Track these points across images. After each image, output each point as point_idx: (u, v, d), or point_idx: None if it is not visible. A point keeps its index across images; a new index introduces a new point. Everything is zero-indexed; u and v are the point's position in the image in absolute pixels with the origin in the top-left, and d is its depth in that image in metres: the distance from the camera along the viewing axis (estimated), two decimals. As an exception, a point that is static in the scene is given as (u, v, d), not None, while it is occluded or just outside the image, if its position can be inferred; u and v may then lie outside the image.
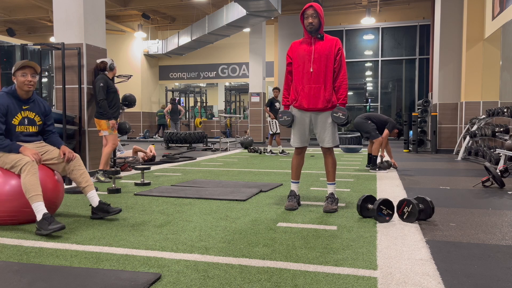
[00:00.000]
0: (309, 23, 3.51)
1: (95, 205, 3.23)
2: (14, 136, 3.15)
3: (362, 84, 16.24)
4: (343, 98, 3.55)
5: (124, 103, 6.11)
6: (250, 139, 11.57)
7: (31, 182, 2.88)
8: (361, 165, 7.18)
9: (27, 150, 3.04)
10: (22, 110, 3.20)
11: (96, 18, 5.76)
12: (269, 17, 12.81)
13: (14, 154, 3.02)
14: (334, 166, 3.67)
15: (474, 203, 3.98)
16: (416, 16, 16.24)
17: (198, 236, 2.77)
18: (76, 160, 3.28)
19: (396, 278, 2.05)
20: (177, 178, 5.62)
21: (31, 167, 2.93)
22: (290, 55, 3.68)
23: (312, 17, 3.50)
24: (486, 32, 8.97)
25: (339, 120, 3.52)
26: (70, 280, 2.01)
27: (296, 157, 3.75)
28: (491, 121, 8.42)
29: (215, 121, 19.09)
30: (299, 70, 3.60)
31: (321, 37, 3.58)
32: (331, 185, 3.67)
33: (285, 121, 3.68)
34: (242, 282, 2.00)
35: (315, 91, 3.53)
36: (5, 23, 17.69)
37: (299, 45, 3.65)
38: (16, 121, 3.16)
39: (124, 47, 18.46)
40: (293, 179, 3.77)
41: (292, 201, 3.66)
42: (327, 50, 3.54)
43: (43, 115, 3.34)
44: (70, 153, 3.26)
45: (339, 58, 3.56)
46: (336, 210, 3.51)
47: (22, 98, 3.20)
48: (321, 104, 3.54)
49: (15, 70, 3.16)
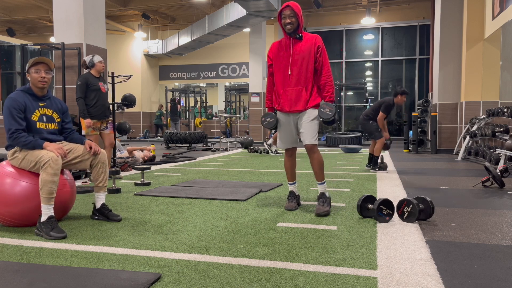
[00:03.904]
0: (287, 23, 3.38)
1: (97, 206, 3.22)
2: (36, 133, 3.05)
3: (362, 84, 16.24)
4: (330, 95, 3.43)
5: (124, 103, 6.11)
6: (250, 139, 11.57)
7: (49, 182, 2.79)
8: (361, 165, 7.17)
9: (50, 145, 2.94)
10: (39, 108, 3.11)
11: (96, 18, 5.76)
12: (269, 17, 12.82)
13: (38, 150, 2.92)
14: (320, 164, 3.51)
15: (474, 203, 3.98)
16: (416, 16, 16.24)
17: (198, 236, 2.77)
18: (103, 155, 3.20)
19: (396, 278, 2.05)
20: (177, 178, 5.62)
21: (54, 165, 2.83)
22: (271, 56, 3.58)
23: (289, 17, 3.38)
24: (486, 32, 8.97)
25: (326, 116, 3.38)
26: (70, 280, 2.01)
27: (288, 159, 3.67)
28: (491, 121, 8.42)
29: (215, 121, 19.09)
30: (279, 73, 3.51)
31: (300, 37, 3.46)
32: (320, 184, 3.53)
33: (269, 124, 3.60)
34: (242, 282, 2.00)
35: (296, 94, 3.44)
36: (5, 23, 17.69)
37: (278, 46, 3.54)
38: (36, 117, 3.07)
39: (124, 47, 18.46)
40: (289, 181, 3.71)
41: (292, 202, 3.62)
42: (307, 50, 3.42)
43: (60, 112, 3.25)
44: (96, 147, 3.18)
45: (320, 56, 3.44)
46: (329, 211, 3.37)
47: (37, 95, 3.12)
48: (301, 106, 3.45)
49: (28, 67, 3.08)
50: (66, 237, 2.76)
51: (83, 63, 5.14)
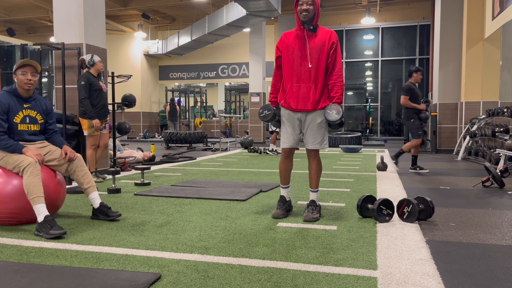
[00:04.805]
0: (303, 10, 3.11)
1: (96, 206, 3.23)
2: (17, 135, 3.15)
3: (362, 84, 16.23)
4: (338, 97, 3.19)
5: (124, 103, 6.11)
6: (250, 139, 11.57)
7: (33, 183, 2.87)
8: (361, 165, 7.17)
9: (29, 150, 3.04)
10: (23, 109, 3.20)
11: (96, 18, 5.76)
12: (269, 17, 12.81)
13: (17, 154, 3.01)
14: (318, 171, 3.33)
15: (474, 203, 3.98)
16: (416, 16, 16.24)
17: (198, 236, 2.77)
18: (78, 161, 3.28)
19: (396, 278, 2.05)
20: (177, 178, 5.62)
21: (34, 169, 2.92)
22: (280, 48, 3.30)
23: (307, 4, 3.11)
24: (486, 32, 8.97)
25: (332, 118, 3.14)
26: (70, 280, 2.01)
27: (283, 161, 3.40)
28: (491, 121, 8.42)
29: (215, 121, 19.09)
30: (288, 67, 3.25)
31: (314, 28, 3.18)
32: (313, 192, 3.34)
33: (265, 116, 3.37)
34: (242, 282, 2.00)
35: (304, 91, 3.19)
36: (5, 23, 17.69)
37: (289, 37, 3.26)
38: (18, 119, 3.16)
39: (124, 47, 18.46)
40: (282, 184, 3.44)
41: (280, 209, 3.34)
42: (320, 44, 3.16)
43: (44, 114, 3.33)
44: (72, 153, 3.25)
45: (333, 53, 3.18)
46: (318, 218, 3.20)
47: (23, 96, 3.21)
48: (310, 106, 3.21)
49: (15, 69, 3.17)
50: (65, 233, 2.78)
51: (81, 62, 5.11)
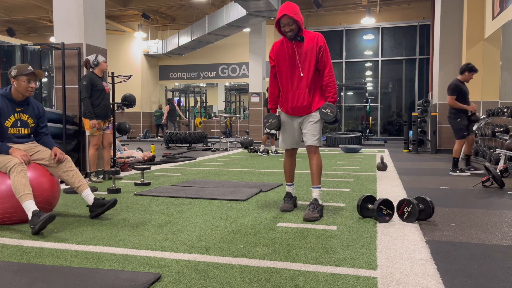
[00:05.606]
0: (287, 31, 3.31)
1: (90, 202, 3.25)
2: (6, 138, 3.18)
3: (362, 84, 16.23)
4: (332, 96, 3.37)
5: (124, 103, 6.11)
6: (250, 139, 11.57)
7: (20, 182, 2.90)
8: (361, 165, 7.17)
9: (16, 151, 3.07)
10: (16, 112, 3.22)
11: (96, 18, 5.76)
12: (269, 17, 12.81)
13: (4, 155, 3.05)
14: (319, 167, 3.45)
15: (474, 203, 3.98)
16: (416, 16, 16.24)
17: (198, 236, 2.77)
18: (67, 162, 3.28)
19: (396, 278, 2.05)
20: (177, 178, 5.62)
21: (20, 168, 2.95)
22: (273, 57, 3.50)
23: (288, 26, 3.28)
24: (486, 32, 8.97)
25: (327, 117, 3.32)
26: (70, 280, 2.01)
27: (287, 159, 3.64)
28: (491, 121, 8.42)
29: (215, 121, 19.10)
30: (282, 75, 3.46)
31: (302, 39, 3.36)
32: (315, 188, 3.43)
33: (271, 125, 3.57)
34: (242, 282, 2.00)
35: (300, 98, 3.39)
36: (5, 23, 17.69)
37: (280, 47, 3.46)
38: (9, 123, 3.18)
39: (124, 47, 18.46)
40: (287, 182, 3.68)
41: (288, 203, 3.57)
42: (309, 51, 3.35)
43: (36, 117, 3.35)
44: (61, 154, 3.25)
45: (322, 56, 3.36)
46: (318, 218, 3.21)
47: (17, 100, 3.22)
48: (307, 110, 3.42)
49: (18, 74, 3.14)
50: (54, 216, 2.82)
51: (86, 63, 5.11)
